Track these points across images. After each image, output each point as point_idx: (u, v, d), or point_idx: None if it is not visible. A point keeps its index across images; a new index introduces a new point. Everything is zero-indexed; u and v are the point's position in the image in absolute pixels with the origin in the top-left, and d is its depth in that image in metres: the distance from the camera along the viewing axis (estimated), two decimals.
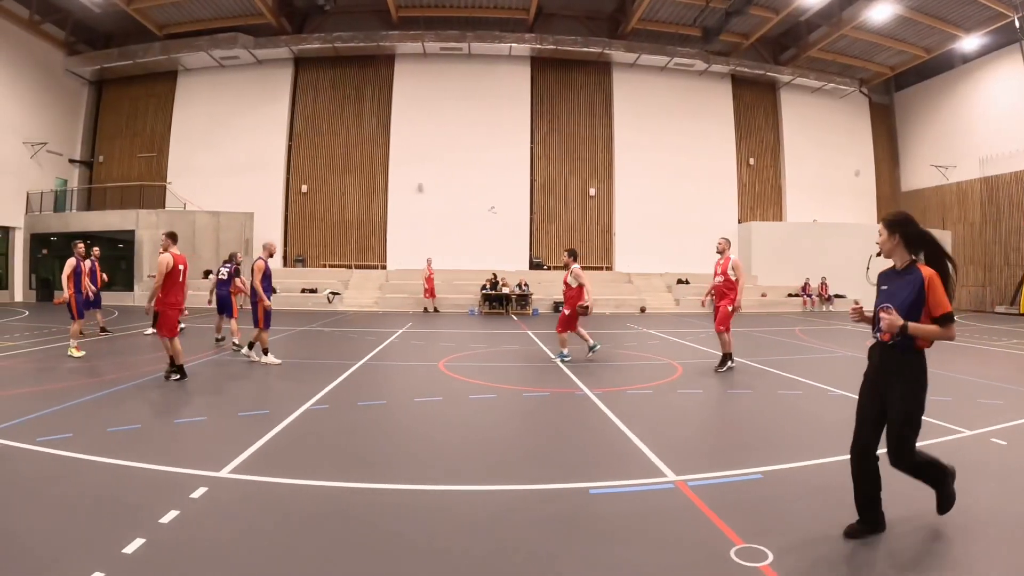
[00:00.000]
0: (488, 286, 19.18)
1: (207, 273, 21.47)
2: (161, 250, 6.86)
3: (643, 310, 20.19)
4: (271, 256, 8.24)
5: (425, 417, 5.46)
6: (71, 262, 8.79)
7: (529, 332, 13.33)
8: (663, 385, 6.85)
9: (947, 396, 6.09)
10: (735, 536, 2.80)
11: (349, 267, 22.11)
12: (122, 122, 24.18)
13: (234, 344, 9.07)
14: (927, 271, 2.75)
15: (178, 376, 6.63)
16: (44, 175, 23.20)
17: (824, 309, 22.13)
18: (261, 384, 6.99)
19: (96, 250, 12.26)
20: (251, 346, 8.22)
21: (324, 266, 22.25)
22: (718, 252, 7.80)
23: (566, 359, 8.44)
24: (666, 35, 23.13)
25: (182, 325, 10.25)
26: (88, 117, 24.59)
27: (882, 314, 2.71)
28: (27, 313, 16.94)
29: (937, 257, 2.85)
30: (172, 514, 3.01)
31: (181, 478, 3.59)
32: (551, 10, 22.52)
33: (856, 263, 22.52)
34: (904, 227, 2.88)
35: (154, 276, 12.00)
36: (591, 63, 23.33)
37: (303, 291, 19.73)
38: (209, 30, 22.55)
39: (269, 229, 21.41)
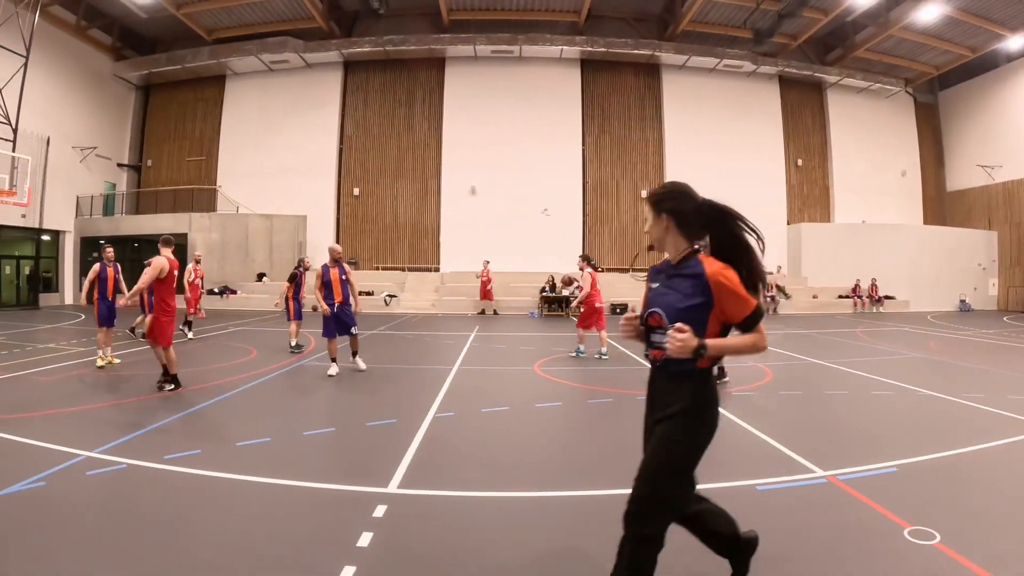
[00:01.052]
0: (548, 288, 19.08)
1: (260, 276, 21.58)
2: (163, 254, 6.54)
3: None
4: (336, 261, 7.73)
5: (558, 422, 5.43)
6: (96, 268, 8.21)
7: (601, 334, 13.32)
8: (762, 387, 6.98)
9: None
10: (901, 520, 3.05)
11: (403, 270, 22.07)
12: (170, 126, 24.23)
13: (291, 346, 9.89)
14: (710, 266, 1.97)
15: (172, 386, 6.28)
16: (93, 179, 23.29)
17: (875, 311, 21.96)
18: (368, 392, 6.85)
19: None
20: (354, 355, 7.92)
21: (377, 268, 22.21)
22: None
23: (605, 356, 9.14)
24: (714, 36, 23.04)
25: (189, 334, 10.99)
26: (136, 121, 24.68)
27: (671, 334, 1.89)
28: (83, 317, 16.91)
29: (730, 240, 2.03)
30: (367, 536, 2.86)
31: (351, 496, 3.44)
32: (600, 12, 22.44)
33: (905, 264, 22.35)
34: (676, 202, 2.07)
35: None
36: (641, 65, 23.25)
37: (359, 293, 19.68)
38: (258, 34, 22.60)
39: (322, 232, 21.40)
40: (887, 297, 22.42)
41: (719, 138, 23.36)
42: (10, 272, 21.79)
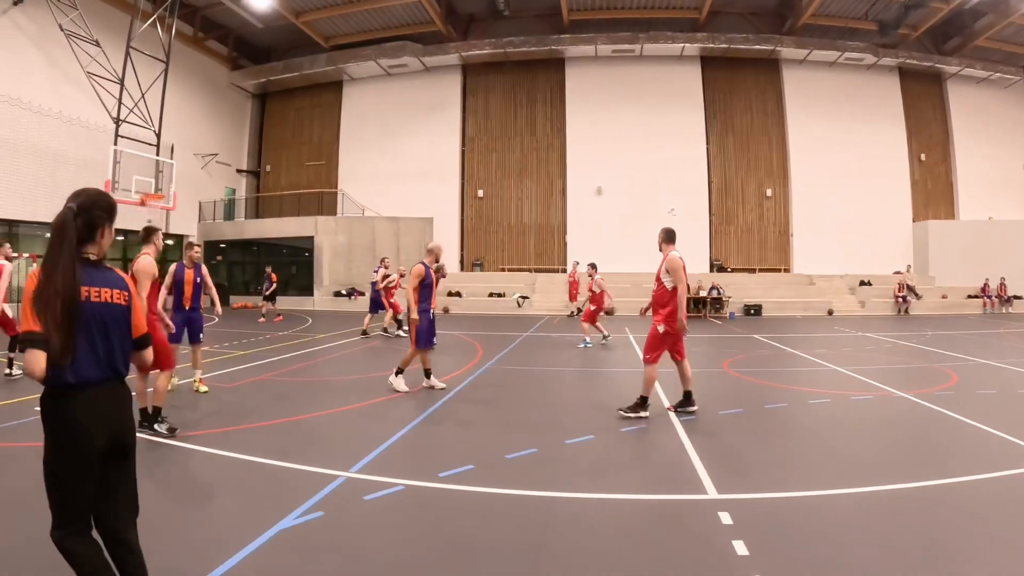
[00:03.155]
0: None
1: (387, 278, 21.87)
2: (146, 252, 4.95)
3: (830, 312, 19.53)
4: (436, 261, 6.65)
5: (795, 421, 5.51)
6: (171, 268, 6.56)
7: (756, 336, 13.14)
8: (955, 387, 6.96)
9: None
10: None
11: (529, 271, 22.05)
12: (287, 132, 24.74)
13: (384, 330, 10.62)
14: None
15: (168, 428, 4.67)
16: (214, 185, 23.93)
17: (1004, 311, 21.08)
18: (590, 395, 6.75)
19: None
20: (428, 374, 6.74)
21: (502, 270, 22.25)
22: (660, 250, 5.56)
23: (589, 345, 10.60)
24: (834, 29, 22.51)
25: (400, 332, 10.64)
26: (253, 128, 25.29)
27: None
28: (215, 320, 17.15)
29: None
30: (739, 544, 2.79)
31: (680, 505, 3.35)
32: (716, 8, 22.11)
33: None
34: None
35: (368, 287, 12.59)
36: (760, 61, 22.80)
37: (490, 295, 19.74)
38: (376, 40, 22.92)
39: (447, 234, 21.54)
40: (1016, 297, 21.52)
41: (842, 133, 22.74)
42: None
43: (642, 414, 5.29)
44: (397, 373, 6.49)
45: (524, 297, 19.34)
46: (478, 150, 23.39)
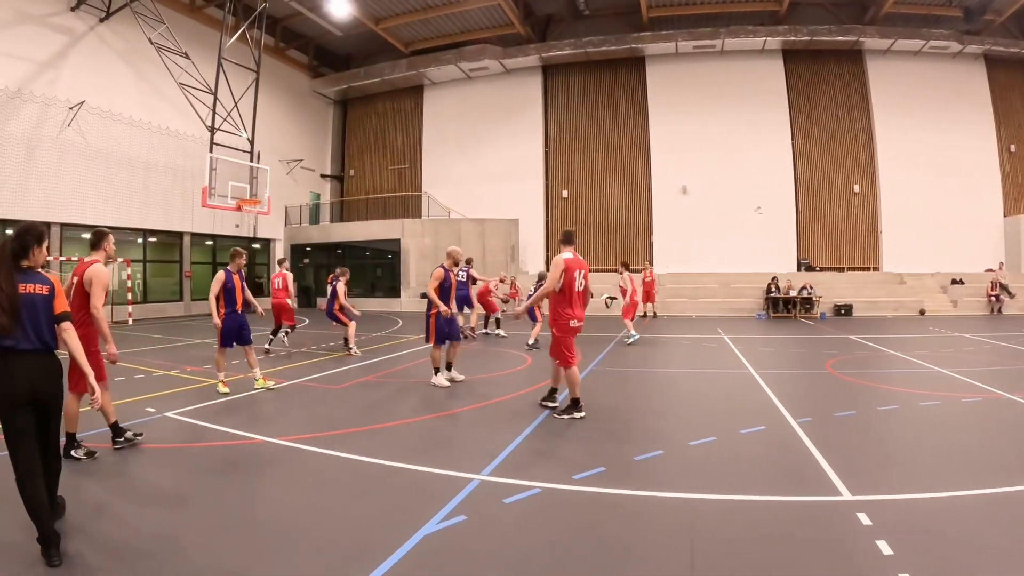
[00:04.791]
0: (774, 289, 18.80)
1: (474, 280, 22.43)
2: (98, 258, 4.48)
3: (922, 312, 19.24)
4: (456, 264, 7.11)
5: (909, 423, 5.50)
6: (221, 276, 6.67)
7: (852, 336, 13.03)
8: None
9: None
10: None
11: (616, 271, 22.25)
12: (370, 137, 25.40)
13: (527, 343, 10.89)
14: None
15: (123, 441, 4.52)
16: (299, 190, 24.79)
17: None
18: (689, 397, 6.79)
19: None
20: (449, 367, 7.31)
21: (589, 270, 22.45)
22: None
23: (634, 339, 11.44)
24: (916, 17, 21.98)
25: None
26: (336, 134, 26.05)
27: None
28: (307, 321, 17.79)
29: None
30: (882, 544, 2.83)
31: (820, 507, 3.39)
32: None
33: None
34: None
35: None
36: (843, 52, 22.41)
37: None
38: (455, 44, 23.32)
39: (533, 234, 21.90)
40: None
41: (928, 125, 22.21)
42: None
43: (576, 415, 5.42)
44: (435, 372, 6.97)
45: (612, 298, 19.41)
46: (561, 150, 23.64)
